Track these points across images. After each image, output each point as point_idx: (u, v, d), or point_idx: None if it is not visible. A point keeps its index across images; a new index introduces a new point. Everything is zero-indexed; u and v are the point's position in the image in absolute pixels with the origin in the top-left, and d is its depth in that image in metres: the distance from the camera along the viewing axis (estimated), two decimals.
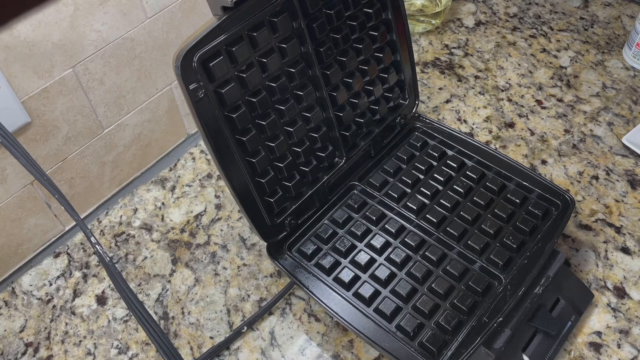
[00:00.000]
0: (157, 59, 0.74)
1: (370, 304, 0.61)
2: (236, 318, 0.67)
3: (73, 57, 0.65)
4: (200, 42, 0.52)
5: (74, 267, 0.73)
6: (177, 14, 0.74)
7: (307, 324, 0.66)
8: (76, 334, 0.67)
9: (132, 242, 0.75)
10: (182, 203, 0.79)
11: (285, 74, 0.61)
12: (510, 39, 0.97)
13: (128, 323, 0.68)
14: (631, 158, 0.79)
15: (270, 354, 0.64)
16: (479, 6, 1.03)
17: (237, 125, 0.57)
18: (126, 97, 0.74)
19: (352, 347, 0.64)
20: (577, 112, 0.85)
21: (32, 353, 0.66)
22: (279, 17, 0.57)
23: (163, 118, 0.80)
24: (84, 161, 0.73)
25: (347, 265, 0.64)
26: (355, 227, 0.67)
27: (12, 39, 0.59)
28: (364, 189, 0.71)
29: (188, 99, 0.53)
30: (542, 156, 0.80)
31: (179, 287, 0.70)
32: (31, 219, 0.71)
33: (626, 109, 0.85)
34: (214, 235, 0.75)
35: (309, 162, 0.66)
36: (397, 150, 0.74)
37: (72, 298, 0.70)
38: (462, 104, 0.88)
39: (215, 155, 0.57)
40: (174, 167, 0.83)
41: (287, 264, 0.64)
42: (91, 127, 0.71)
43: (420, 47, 0.97)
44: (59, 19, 0.62)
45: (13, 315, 0.69)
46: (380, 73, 0.72)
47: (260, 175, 0.61)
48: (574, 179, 0.77)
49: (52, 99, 0.65)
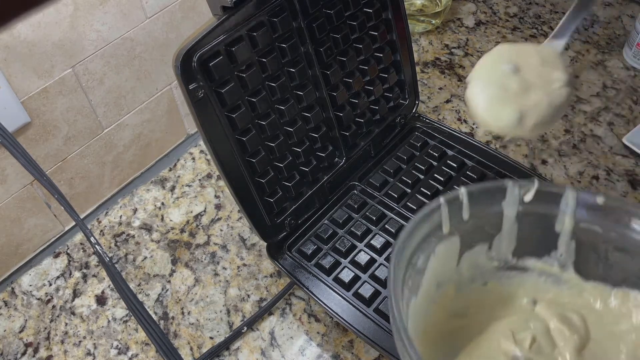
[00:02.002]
0: (157, 59, 0.74)
1: (371, 304, 0.61)
2: (236, 318, 0.67)
3: (73, 57, 0.65)
4: (200, 42, 0.52)
5: (74, 267, 0.73)
6: (177, 14, 0.74)
7: (307, 324, 0.66)
8: (76, 334, 0.67)
9: (132, 242, 0.75)
10: (182, 203, 0.78)
11: (285, 73, 0.61)
12: (510, 38, 0.97)
13: (128, 323, 0.68)
14: (631, 158, 0.79)
15: (270, 354, 0.64)
16: (479, 6, 1.03)
17: (237, 125, 0.57)
18: (126, 97, 0.74)
19: (352, 347, 0.64)
20: (578, 112, 0.85)
21: (31, 353, 0.66)
22: (279, 17, 0.57)
23: (163, 118, 0.80)
24: (84, 161, 0.73)
25: (347, 266, 0.64)
26: (355, 227, 0.67)
27: (12, 39, 0.59)
28: (364, 189, 0.71)
29: (188, 99, 0.53)
30: (542, 156, 0.80)
31: (179, 287, 0.70)
32: (31, 219, 0.71)
33: (626, 108, 0.85)
34: (214, 235, 0.75)
35: (309, 162, 0.66)
36: (397, 150, 0.74)
37: (72, 298, 0.70)
38: (462, 104, 0.87)
39: (215, 155, 0.56)
40: (174, 167, 0.83)
41: (287, 264, 0.64)
42: (91, 127, 0.71)
43: (420, 47, 0.97)
44: (59, 19, 0.62)
45: (13, 316, 0.69)
46: (380, 73, 0.72)
47: (260, 175, 0.61)
48: (574, 179, 0.77)
49: (52, 99, 0.65)
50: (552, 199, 0.51)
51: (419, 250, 0.49)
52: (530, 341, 0.52)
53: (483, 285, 0.56)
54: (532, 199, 0.51)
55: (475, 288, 0.56)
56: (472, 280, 0.56)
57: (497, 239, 0.54)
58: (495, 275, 0.56)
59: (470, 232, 0.53)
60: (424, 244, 0.49)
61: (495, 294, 0.56)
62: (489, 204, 0.52)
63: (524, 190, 0.51)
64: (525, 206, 0.52)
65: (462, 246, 0.53)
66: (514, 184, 0.51)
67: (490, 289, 0.56)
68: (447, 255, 0.52)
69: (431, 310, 0.53)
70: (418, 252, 0.49)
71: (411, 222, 0.48)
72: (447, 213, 0.50)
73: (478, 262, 0.55)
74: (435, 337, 0.52)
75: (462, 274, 0.55)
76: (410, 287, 0.48)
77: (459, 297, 0.55)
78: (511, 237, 0.54)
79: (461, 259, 0.54)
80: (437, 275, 0.52)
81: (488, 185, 0.53)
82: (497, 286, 0.56)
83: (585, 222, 0.51)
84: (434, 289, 0.53)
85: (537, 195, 0.51)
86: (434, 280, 0.52)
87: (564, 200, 0.51)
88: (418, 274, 0.50)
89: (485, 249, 0.55)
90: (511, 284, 0.56)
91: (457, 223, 0.51)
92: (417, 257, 0.49)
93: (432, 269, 0.51)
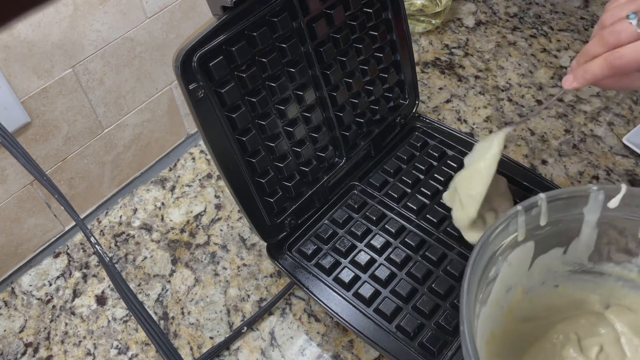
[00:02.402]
0: (157, 59, 0.74)
1: (371, 304, 0.60)
2: (236, 318, 0.67)
3: (73, 57, 0.65)
4: (200, 42, 0.52)
5: (74, 267, 0.73)
6: (177, 14, 0.73)
7: (307, 324, 0.66)
8: (76, 334, 0.67)
9: (132, 242, 0.75)
10: (182, 203, 0.78)
11: (285, 73, 0.61)
12: (510, 38, 0.97)
13: (128, 323, 0.68)
14: (631, 158, 0.79)
15: (270, 354, 0.64)
16: (479, 6, 1.03)
17: (237, 125, 0.57)
18: (126, 97, 0.74)
19: (352, 347, 0.64)
20: (578, 112, 0.85)
21: (31, 353, 0.66)
22: (279, 17, 0.57)
23: (163, 118, 0.80)
24: (84, 161, 0.73)
25: (347, 266, 0.64)
26: (355, 227, 0.67)
27: (12, 39, 0.59)
28: (364, 189, 0.71)
29: (188, 99, 0.53)
30: (542, 156, 0.80)
31: (179, 287, 0.70)
32: (31, 219, 0.71)
33: (626, 108, 0.85)
34: (214, 235, 0.75)
35: (309, 162, 0.66)
36: (397, 150, 0.74)
37: (72, 298, 0.70)
38: (462, 104, 0.87)
39: (215, 155, 0.56)
40: (174, 167, 0.83)
41: (287, 264, 0.64)
42: (91, 127, 0.71)
43: (420, 47, 0.97)
44: (58, 19, 0.62)
45: (13, 316, 0.69)
46: (381, 73, 0.72)
47: (260, 175, 0.61)
48: (574, 179, 0.77)
49: (51, 99, 0.65)
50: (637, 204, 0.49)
51: (491, 264, 0.47)
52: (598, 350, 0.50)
53: (554, 288, 0.54)
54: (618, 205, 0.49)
55: (546, 291, 0.54)
56: (543, 283, 0.53)
57: (574, 244, 0.52)
58: (569, 279, 0.54)
59: (546, 237, 0.51)
60: (496, 256, 0.47)
61: (567, 297, 0.54)
62: (569, 210, 0.50)
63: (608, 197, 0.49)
64: (608, 212, 0.49)
65: (537, 251, 0.51)
66: (598, 190, 0.49)
67: (561, 292, 0.54)
68: (520, 261, 0.50)
69: (499, 315, 0.51)
70: (490, 266, 0.47)
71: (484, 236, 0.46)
72: (523, 220, 0.48)
73: (551, 266, 0.53)
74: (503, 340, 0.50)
75: (532, 277, 0.53)
76: (482, 299, 0.47)
77: (528, 301, 0.53)
78: (590, 243, 0.52)
79: (534, 263, 0.52)
80: (507, 280, 0.50)
81: (569, 190, 0.50)
82: (569, 289, 0.54)
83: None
84: (503, 294, 0.51)
85: (623, 200, 0.49)
86: (504, 286, 0.50)
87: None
88: (489, 284, 0.48)
89: (560, 254, 0.53)
90: (585, 288, 0.54)
91: (533, 229, 0.49)
92: (489, 271, 0.47)
93: (503, 275, 0.49)
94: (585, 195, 0.49)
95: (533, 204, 0.48)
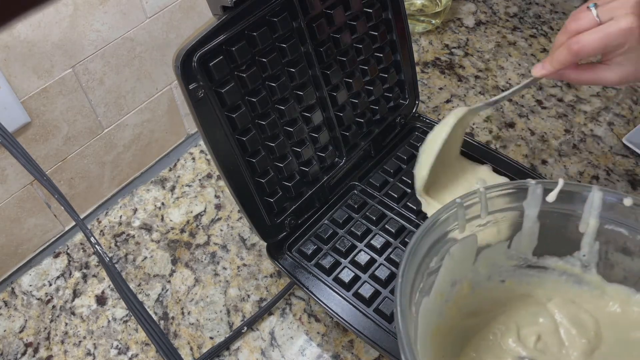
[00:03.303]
0: (157, 59, 0.74)
1: (371, 304, 0.60)
2: (236, 318, 0.67)
3: (73, 57, 0.65)
4: (200, 42, 0.52)
5: (74, 267, 0.73)
6: (177, 14, 0.73)
7: (307, 324, 0.66)
8: (76, 334, 0.67)
9: (132, 242, 0.75)
10: (182, 203, 0.78)
11: (285, 73, 0.61)
12: (510, 38, 0.97)
13: (128, 323, 0.68)
14: (631, 158, 0.79)
15: (270, 354, 0.64)
16: (479, 6, 1.03)
17: (237, 125, 0.57)
18: (126, 97, 0.74)
19: (352, 347, 0.64)
20: (578, 112, 0.85)
21: (31, 353, 0.66)
22: (279, 17, 0.57)
23: (163, 118, 0.80)
24: (84, 161, 0.73)
25: (347, 266, 0.64)
26: (355, 227, 0.67)
27: (12, 39, 0.59)
28: (364, 189, 0.71)
29: (188, 99, 0.53)
30: (542, 156, 0.80)
31: (179, 287, 0.70)
32: (31, 219, 0.71)
33: (626, 108, 0.85)
34: (214, 235, 0.75)
35: (309, 162, 0.66)
36: (397, 150, 0.74)
37: (72, 298, 0.70)
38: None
39: (215, 155, 0.56)
40: (174, 167, 0.83)
41: (287, 264, 0.64)
42: (91, 127, 0.71)
43: (420, 47, 0.97)
44: (58, 19, 0.62)
45: (13, 316, 0.69)
46: (381, 73, 0.72)
47: (260, 175, 0.61)
48: (574, 179, 0.77)
49: (51, 99, 0.65)
50: (577, 199, 0.50)
51: (432, 253, 0.48)
52: (536, 339, 0.51)
53: (500, 283, 0.55)
54: (556, 199, 0.50)
55: (491, 286, 0.55)
56: (489, 278, 0.54)
57: (516, 238, 0.53)
58: (514, 274, 0.55)
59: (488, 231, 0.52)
60: (437, 247, 0.48)
61: (512, 292, 0.55)
62: (509, 204, 0.51)
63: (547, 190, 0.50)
64: (547, 206, 0.51)
65: (480, 245, 0.52)
66: (536, 184, 0.50)
67: (507, 286, 0.55)
68: (463, 254, 0.51)
69: (445, 309, 0.52)
70: (431, 255, 0.48)
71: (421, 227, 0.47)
72: (463, 214, 0.49)
73: (496, 261, 0.54)
74: (448, 334, 0.51)
75: (478, 272, 0.54)
76: (422, 289, 0.47)
77: (474, 295, 0.54)
78: (532, 236, 0.53)
79: (478, 257, 0.53)
80: (452, 274, 0.51)
81: (507, 185, 0.51)
82: (515, 284, 0.55)
83: (611, 223, 0.50)
84: (448, 287, 0.51)
85: (560, 195, 0.50)
86: (449, 279, 0.51)
87: (589, 201, 0.50)
88: (431, 274, 0.49)
89: (504, 248, 0.54)
90: (530, 283, 0.55)
91: (474, 223, 0.50)
92: (429, 260, 0.48)
93: (446, 268, 0.50)
94: (524, 189, 0.50)
95: (472, 198, 0.49)
